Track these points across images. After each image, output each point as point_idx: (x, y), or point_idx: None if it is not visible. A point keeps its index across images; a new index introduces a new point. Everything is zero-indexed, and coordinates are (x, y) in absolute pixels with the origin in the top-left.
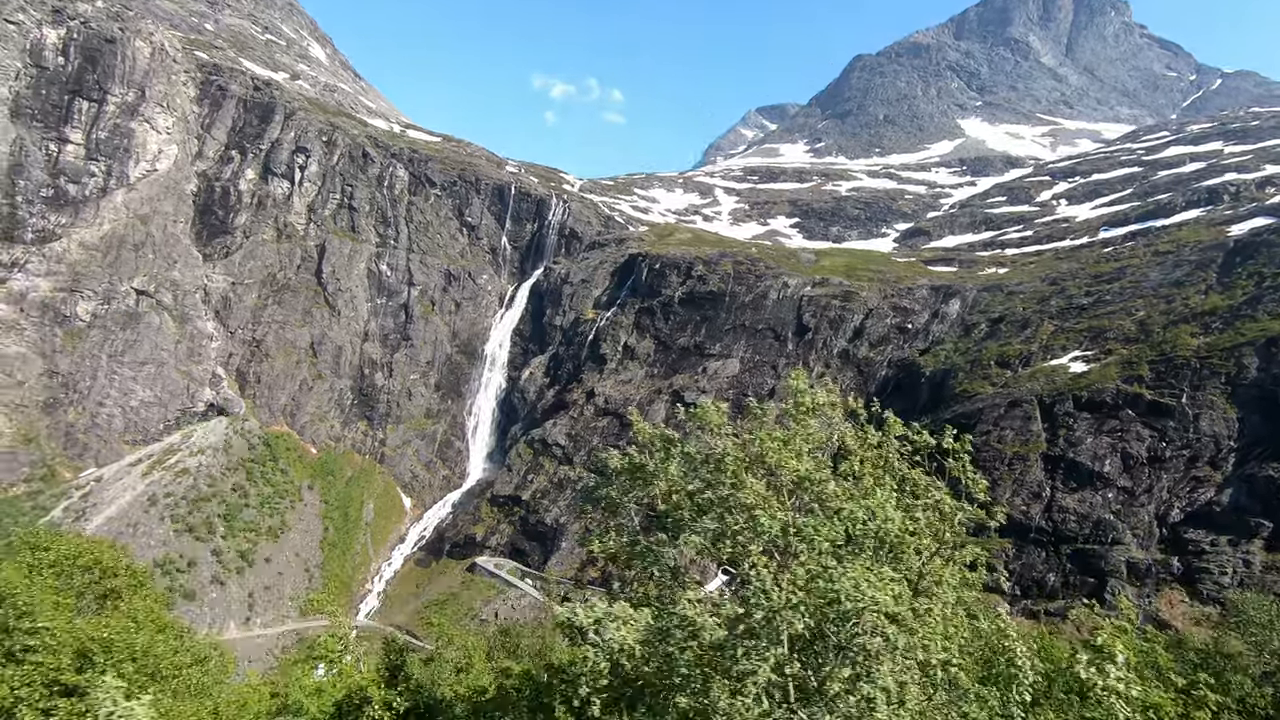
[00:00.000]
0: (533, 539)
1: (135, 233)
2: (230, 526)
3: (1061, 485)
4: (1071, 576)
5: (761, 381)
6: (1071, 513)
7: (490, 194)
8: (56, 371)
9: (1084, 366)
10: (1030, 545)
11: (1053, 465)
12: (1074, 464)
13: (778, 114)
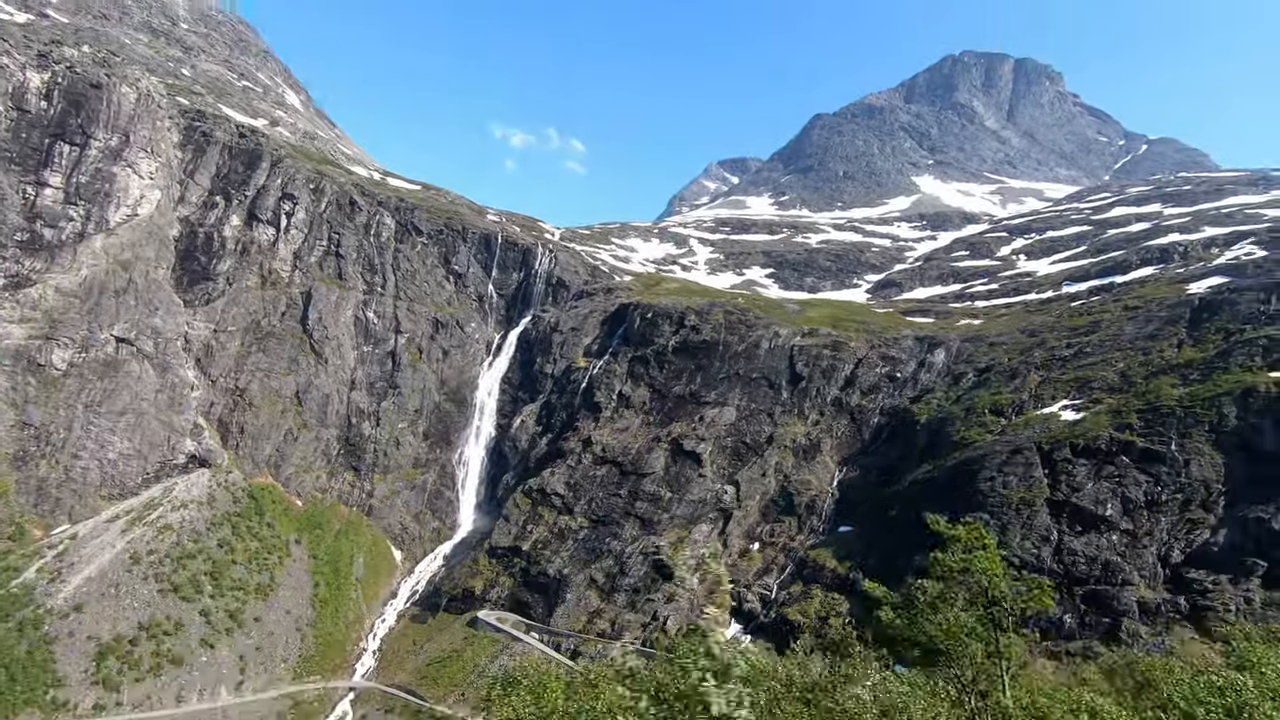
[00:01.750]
0: (535, 591)
1: (116, 278)
2: (218, 585)
3: (1068, 529)
4: (1086, 617)
5: (759, 429)
6: (1080, 555)
7: (476, 242)
8: (29, 423)
9: (1075, 415)
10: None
11: (1057, 510)
12: (1077, 508)
13: (739, 167)
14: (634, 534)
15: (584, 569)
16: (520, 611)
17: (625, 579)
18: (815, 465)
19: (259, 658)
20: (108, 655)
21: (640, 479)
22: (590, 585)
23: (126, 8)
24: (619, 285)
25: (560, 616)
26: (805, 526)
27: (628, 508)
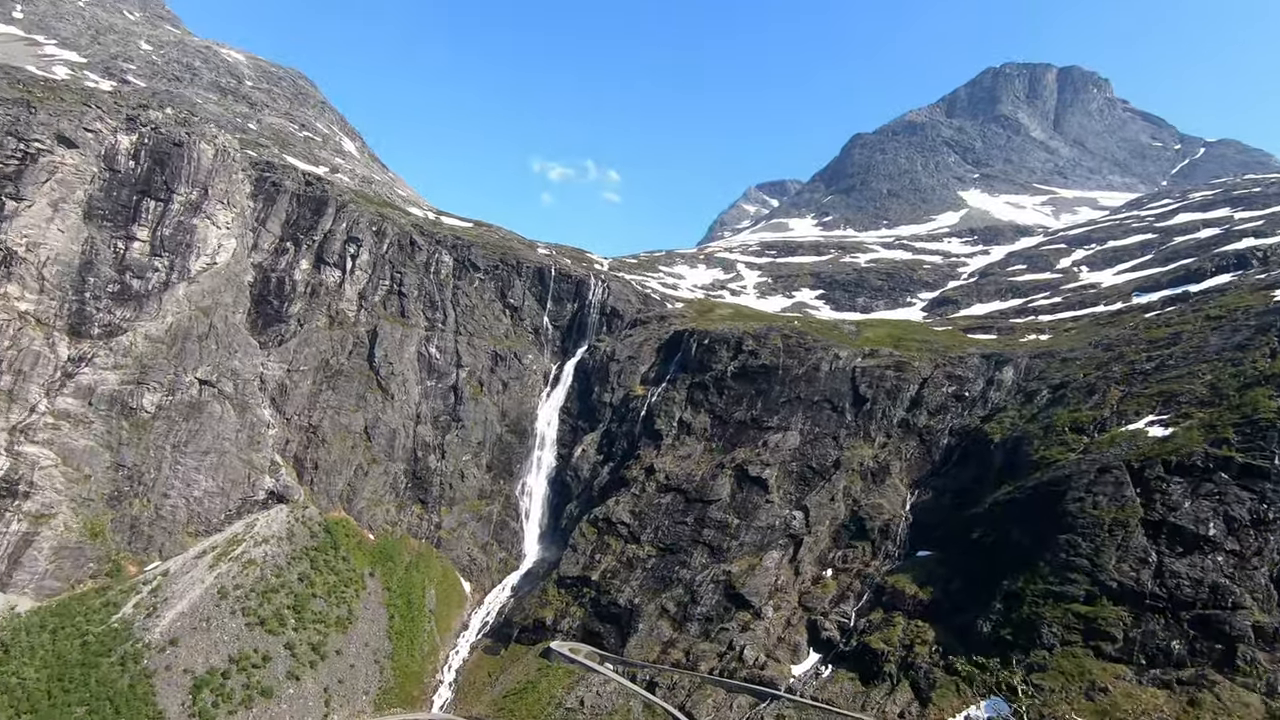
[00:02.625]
0: (606, 621)
1: (198, 324)
2: (300, 618)
3: (1167, 550)
4: (1197, 643)
5: (825, 453)
6: (1184, 577)
7: (531, 276)
8: (122, 464)
9: (1164, 430)
10: (1146, 613)
11: (1154, 530)
12: (1176, 528)
13: (778, 190)
14: (703, 562)
15: (654, 598)
16: (592, 642)
17: (697, 608)
18: (885, 489)
19: (342, 690)
20: (202, 688)
21: (706, 506)
22: (662, 615)
23: (196, 70)
24: (672, 313)
25: (634, 647)
26: (880, 552)
27: (695, 535)
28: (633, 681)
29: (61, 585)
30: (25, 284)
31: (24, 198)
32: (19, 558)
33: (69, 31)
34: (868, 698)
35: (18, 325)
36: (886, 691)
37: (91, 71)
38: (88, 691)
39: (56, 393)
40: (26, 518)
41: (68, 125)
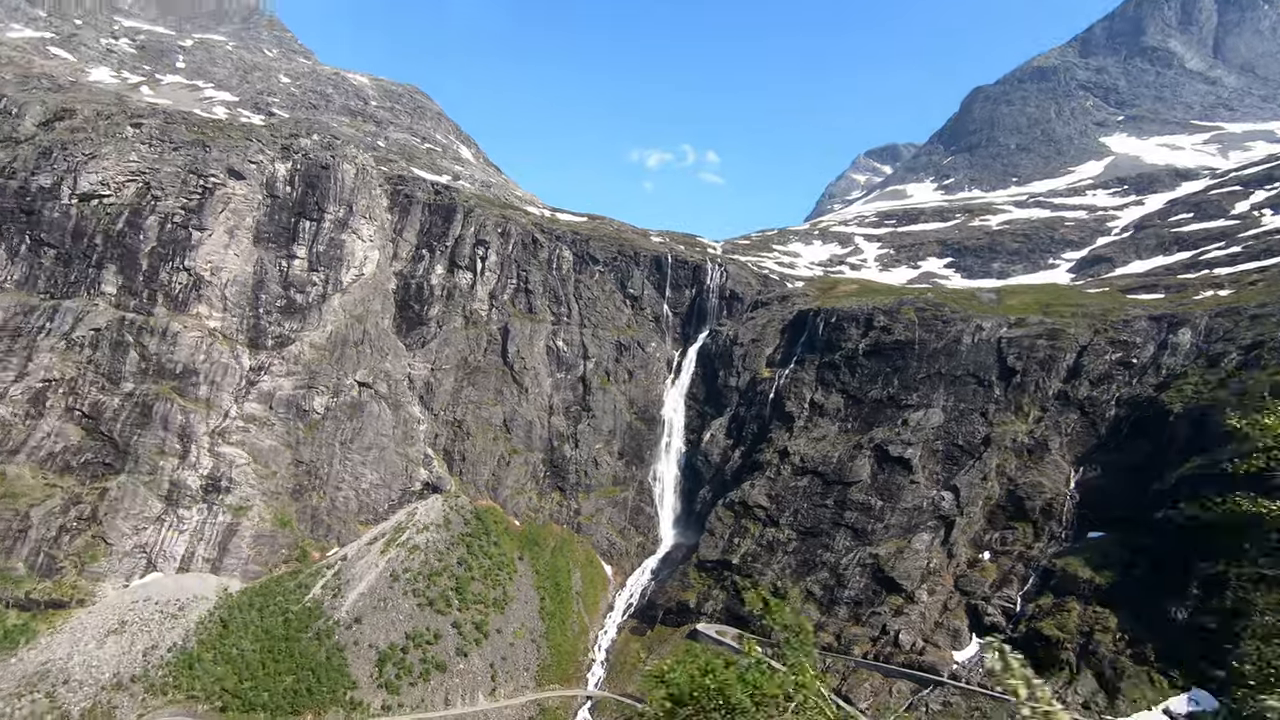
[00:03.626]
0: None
1: (353, 331)
2: (463, 599)
3: None
4: None
5: (972, 430)
6: None
7: (648, 265)
8: (301, 461)
9: None
10: None
11: None
12: None
13: (890, 155)
14: (847, 545)
15: (798, 581)
16: (737, 624)
17: (844, 591)
18: (1045, 466)
19: (505, 666)
20: (385, 661)
21: (846, 488)
22: (808, 598)
23: (328, 96)
24: (793, 292)
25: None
26: (1044, 533)
27: (836, 518)
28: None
29: (261, 569)
30: (212, 304)
31: (205, 227)
32: (226, 545)
33: (222, 74)
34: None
35: (209, 341)
36: (1065, 681)
37: (243, 108)
38: (293, 661)
39: (243, 399)
40: (229, 510)
41: (235, 159)
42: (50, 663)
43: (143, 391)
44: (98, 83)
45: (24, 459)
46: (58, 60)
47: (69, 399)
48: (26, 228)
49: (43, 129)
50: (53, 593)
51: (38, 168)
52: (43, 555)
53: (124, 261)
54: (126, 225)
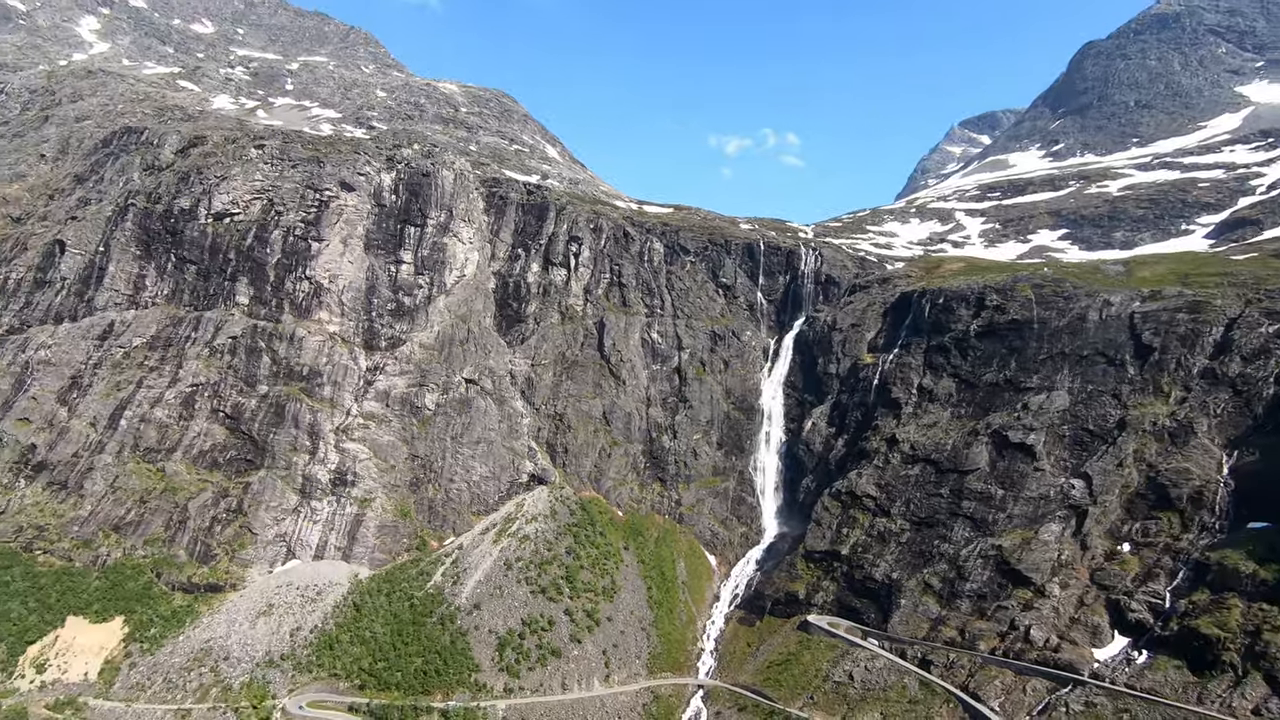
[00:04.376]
0: (863, 596)
1: (458, 330)
2: (573, 587)
3: None
4: None
5: (1103, 414)
6: None
7: (739, 253)
8: (416, 455)
9: None
10: None
11: None
12: None
13: (988, 124)
14: (966, 535)
15: (914, 573)
16: (850, 616)
17: (966, 584)
18: (1191, 450)
19: (617, 653)
20: (505, 646)
21: (962, 476)
22: (925, 590)
23: (421, 106)
24: (894, 274)
25: (898, 623)
26: (1193, 524)
27: (953, 508)
28: (902, 658)
29: (385, 557)
30: (331, 309)
31: (323, 238)
32: (354, 534)
33: (325, 93)
34: (1204, 689)
35: (330, 344)
36: (1230, 684)
37: (346, 123)
38: (420, 645)
39: (362, 398)
40: (355, 502)
41: (346, 172)
42: (212, 640)
43: (276, 393)
44: (220, 109)
45: (180, 456)
46: (185, 91)
47: (213, 401)
48: (171, 247)
49: (179, 156)
50: (209, 577)
51: (178, 191)
52: (199, 544)
53: (254, 273)
54: (255, 240)
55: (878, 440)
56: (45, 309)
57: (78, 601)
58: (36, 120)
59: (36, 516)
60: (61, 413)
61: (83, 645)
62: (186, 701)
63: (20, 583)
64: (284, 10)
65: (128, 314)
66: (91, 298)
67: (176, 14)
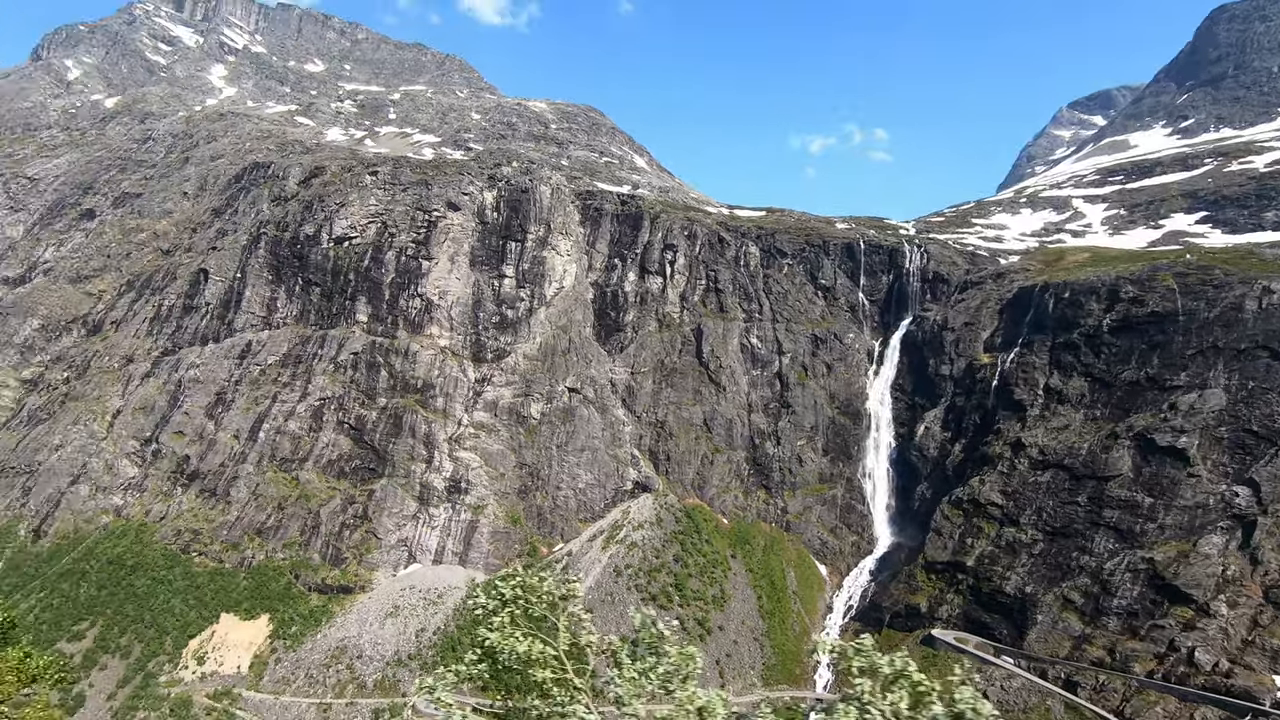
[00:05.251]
0: (993, 611)
1: (559, 341)
2: (683, 595)
3: None
4: None
5: (1270, 413)
6: None
7: (838, 253)
8: (524, 463)
9: None
10: None
11: None
12: None
13: (1101, 103)
14: (1109, 547)
15: (1051, 587)
16: (978, 632)
17: (1113, 600)
18: None
19: (731, 664)
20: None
21: (1102, 483)
22: (1065, 606)
23: (514, 125)
24: (1009, 268)
25: (1035, 640)
26: None
27: (1093, 517)
28: (1043, 679)
29: (499, 562)
30: (441, 324)
31: (432, 256)
32: (469, 539)
33: (424, 119)
34: None
35: (441, 358)
36: None
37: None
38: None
39: (472, 408)
40: (469, 509)
41: (452, 193)
42: (346, 639)
43: (393, 405)
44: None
45: (311, 466)
46: (302, 127)
47: (339, 414)
48: (298, 271)
49: (302, 186)
50: (341, 579)
51: (302, 219)
52: (330, 547)
53: (371, 293)
54: (371, 261)
55: (1001, 445)
56: (193, 332)
57: (229, 600)
58: (178, 161)
59: (191, 521)
60: (210, 426)
61: (235, 640)
62: (327, 696)
63: (180, 581)
64: (385, 45)
65: (262, 334)
66: (231, 320)
67: (291, 56)
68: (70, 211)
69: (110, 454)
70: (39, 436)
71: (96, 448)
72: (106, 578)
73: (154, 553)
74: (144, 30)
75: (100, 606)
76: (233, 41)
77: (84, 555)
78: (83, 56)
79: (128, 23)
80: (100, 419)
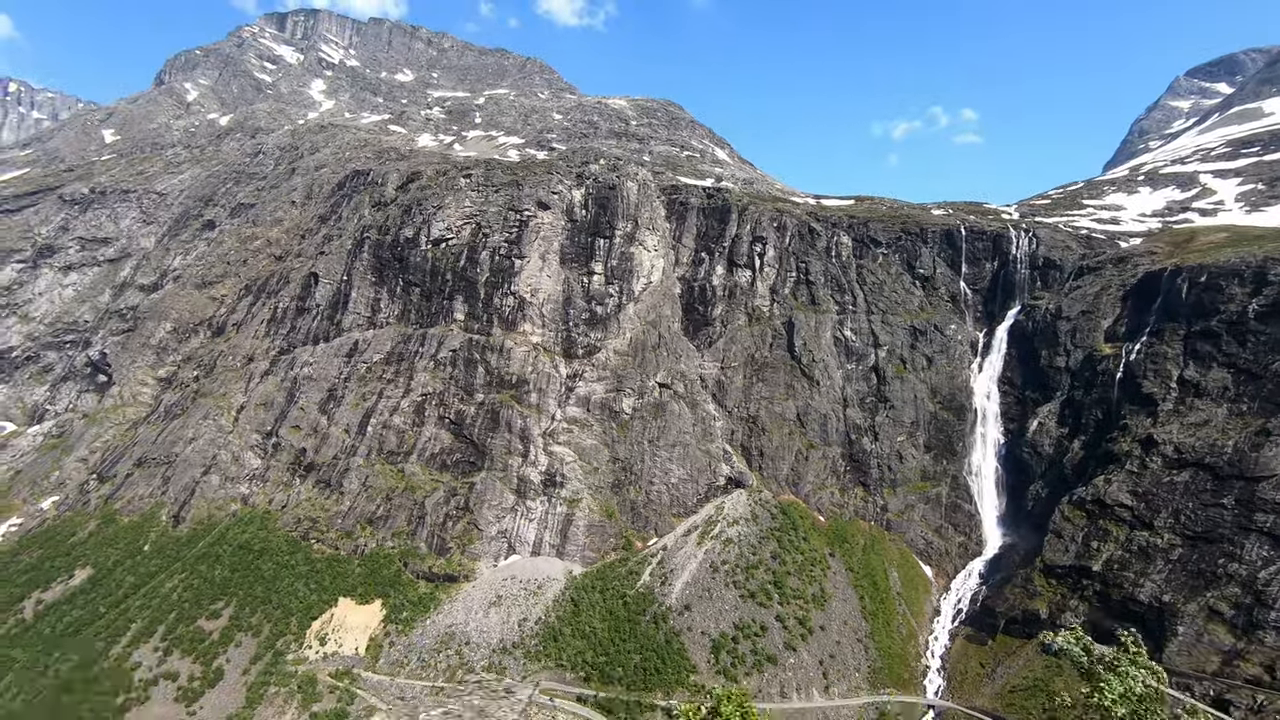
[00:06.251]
0: (1124, 619)
1: (649, 336)
2: (782, 593)
3: None
4: None
5: None
6: None
7: (937, 241)
8: (617, 458)
9: None
10: None
11: None
12: None
13: (1225, 69)
14: (1263, 555)
15: (1194, 597)
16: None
17: (1270, 613)
18: None
19: (835, 664)
20: (719, 649)
21: (1251, 484)
22: (1211, 617)
23: (595, 123)
24: (1131, 252)
25: (1176, 653)
26: None
27: (1241, 521)
28: (1188, 694)
29: (595, 555)
30: (533, 321)
31: (524, 255)
32: (565, 532)
33: (509, 122)
34: None
35: (534, 354)
36: None
37: (529, 147)
38: (636, 642)
39: (565, 403)
40: (564, 502)
41: (542, 192)
42: (454, 626)
43: (490, 400)
44: (424, 147)
45: (415, 459)
46: (395, 135)
47: (439, 409)
48: (400, 272)
49: (400, 191)
50: (446, 568)
51: (402, 223)
52: (435, 537)
53: (467, 292)
54: (467, 261)
55: (1128, 441)
56: (305, 332)
57: (345, 585)
58: (285, 173)
59: (309, 510)
60: (323, 421)
61: (352, 623)
62: (439, 680)
63: (302, 566)
64: (469, 51)
65: (368, 333)
66: (339, 320)
67: (383, 68)
68: (194, 223)
69: (236, 446)
70: (175, 430)
71: (224, 440)
72: (237, 561)
73: (278, 539)
74: (251, 51)
75: (233, 588)
76: (330, 57)
77: (217, 540)
78: (199, 79)
79: (237, 45)
80: (227, 414)
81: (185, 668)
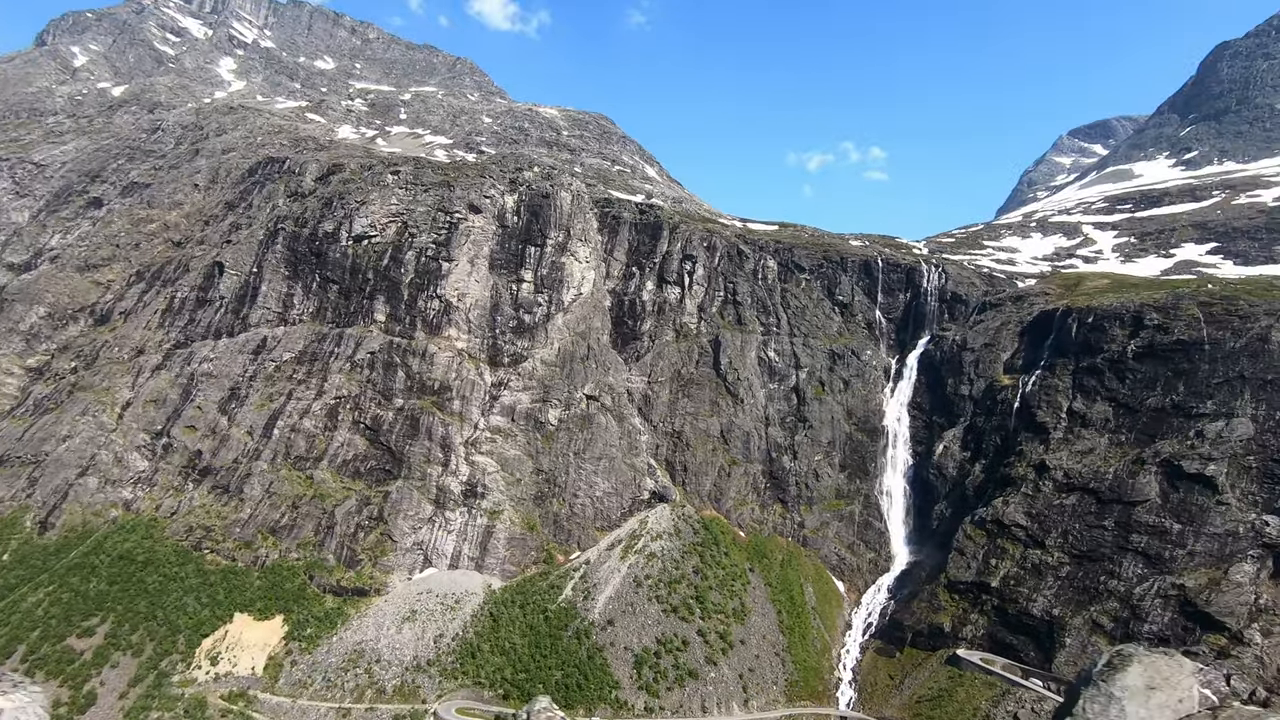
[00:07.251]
0: (1019, 632)
1: (578, 347)
2: (704, 608)
3: None
4: None
5: None
6: None
7: (855, 270)
8: (541, 469)
9: None
10: None
11: None
12: None
13: (1100, 133)
14: (1139, 572)
15: (1080, 610)
16: (1004, 653)
17: (1143, 625)
18: None
19: (754, 678)
20: (642, 664)
21: (1129, 508)
22: (1094, 630)
23: (525, 130)
24: (1028, 291)
25: (1064, 663)
26: None
27: (1120, 541)
28: None
29: (515, 569)
30: (459, 326)
31: (452, 258)
32: (485, 545)
33: (436, 121)
34: None
35: (459, 360)
36: None
37: (458, 149)
38: (558, 657)
39: (489, 412)
40: (485, 513)
41: (474, 195)
42: (364, 643)
43: (410, 406)
44: (345, 139)
45: (326, 465)
46: (314, 124)
47: (355, 413)
48: (316, 268)
49: (320, 183)
50: (356, 581)
51: (322, 216)
52: (345, 549)
53: (390, 292)
54: (390, 260)
55: (1024, 466)
56: (206, 325)
57: (242, 599)
58: (188, 153)
59: (204, 518)
60: (223, 421)
61: (249, 641)
62: (345, 701)
63: (193, 579)
64: (395, 45)
65: (278, 330)
66: (246, 315)
67: (301, 53)
68: (77, 199)
69: (120, 446)
70: (46, 426)
71: (106, 439)
72: (117, 573)
73: (165, 549)
74: (152, 20)
75: (111, 602)
76: (242, 35)
77: (93, 549)
78: (89, 44)
79: (136, 11)
80: (110, 410)
81: (50, 692)
